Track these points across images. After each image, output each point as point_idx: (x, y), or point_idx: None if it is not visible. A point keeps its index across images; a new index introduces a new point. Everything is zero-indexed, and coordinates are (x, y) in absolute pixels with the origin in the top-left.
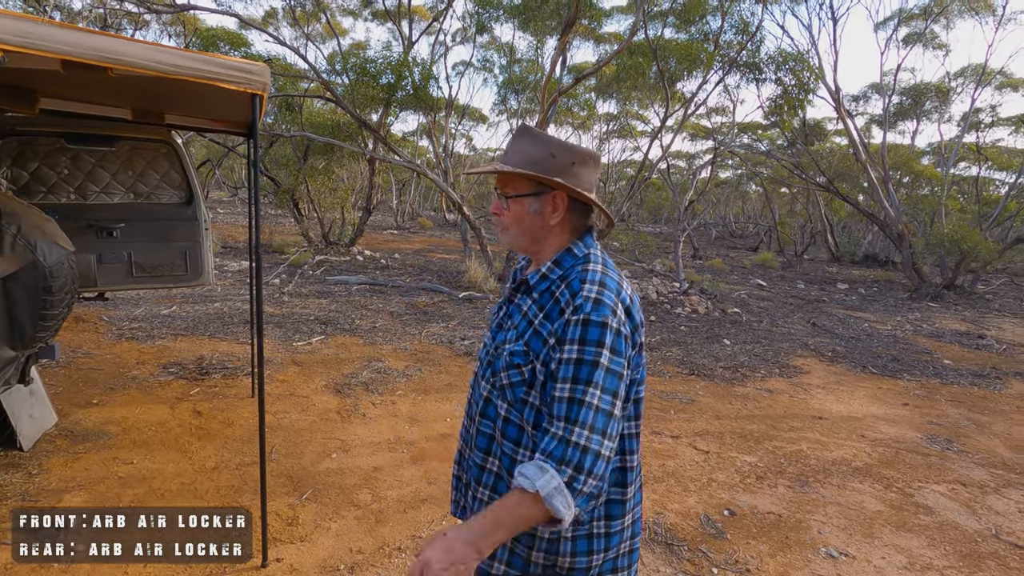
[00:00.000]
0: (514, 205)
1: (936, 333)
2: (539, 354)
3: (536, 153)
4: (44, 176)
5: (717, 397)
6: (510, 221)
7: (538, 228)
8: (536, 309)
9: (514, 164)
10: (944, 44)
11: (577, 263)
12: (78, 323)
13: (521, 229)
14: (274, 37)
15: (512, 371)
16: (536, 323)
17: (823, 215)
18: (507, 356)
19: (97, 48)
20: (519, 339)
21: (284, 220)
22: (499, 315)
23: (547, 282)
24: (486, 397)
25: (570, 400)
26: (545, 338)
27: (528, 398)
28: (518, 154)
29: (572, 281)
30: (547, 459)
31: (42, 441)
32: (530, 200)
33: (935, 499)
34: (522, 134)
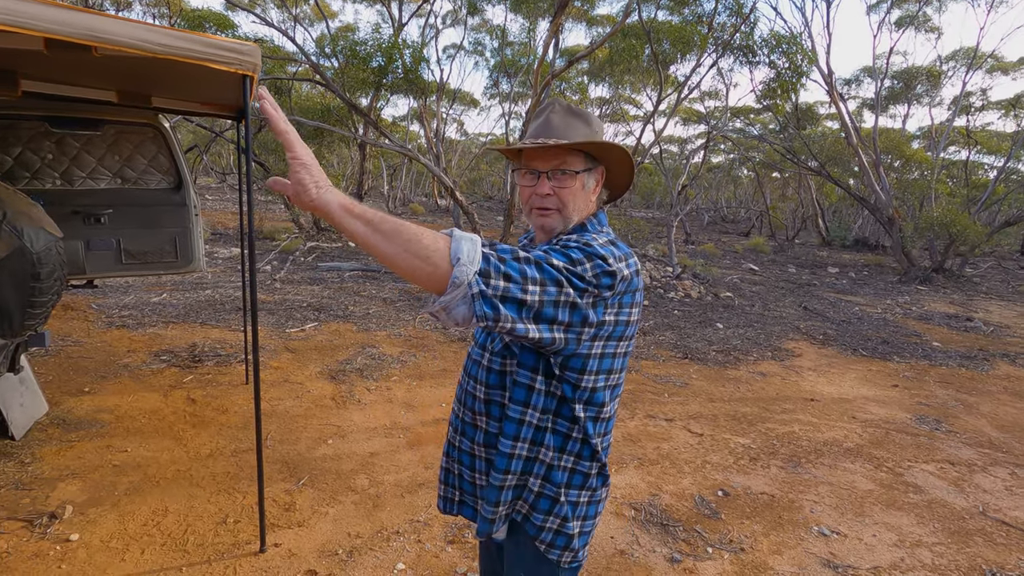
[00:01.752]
0: (570, 182)
1: (925, 316)
2: None
3: (585, 129)
4: (28, 161)
5: (710, 380)
6: (567, 198)
7: (584, 205)
8: None
9: (572, 140)
10: (936, 27)
11: (590, 232)
12: (67, 311)
13: (575, 206)
14: (261, 18)
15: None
16: None
17: (814, 199)
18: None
19: (82, 26)
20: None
21: (274, 206)
22: None
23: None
24: (487, 368)
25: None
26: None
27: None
28: (571, 130)
29: (579, 237)
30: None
31: (34, 430)
32: (586, 175)
33: (924, 478)
34: (562, 110)
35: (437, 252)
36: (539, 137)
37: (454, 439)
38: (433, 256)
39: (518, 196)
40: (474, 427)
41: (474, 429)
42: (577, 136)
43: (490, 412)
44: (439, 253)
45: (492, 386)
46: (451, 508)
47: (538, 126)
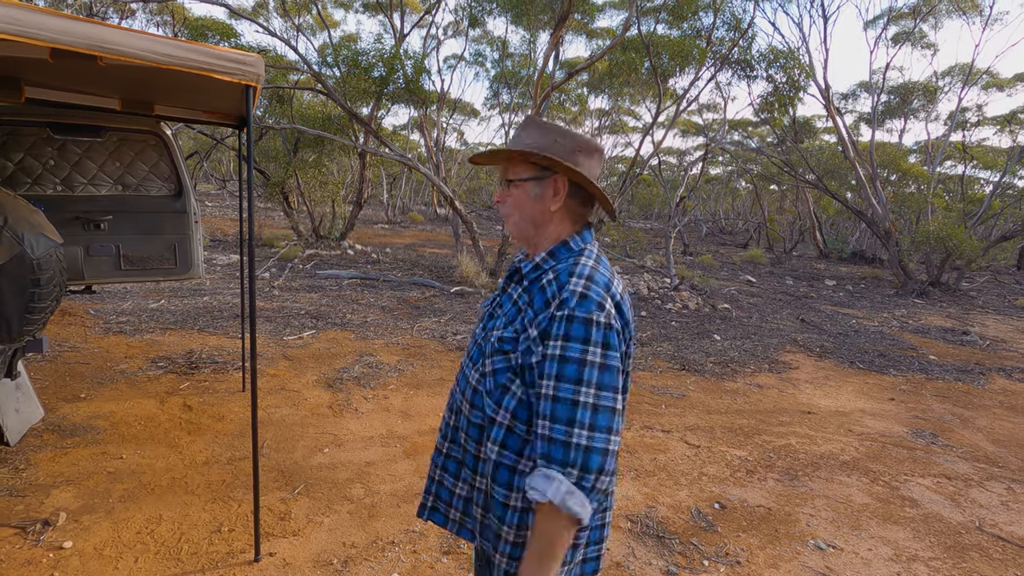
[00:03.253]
0: (515, 189)
1: (922, 329)
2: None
3: (539, 139)
4: (30, 167)
5: (707, 392)
6: (512, 206)
7: (539, 214)
8: (527, 297)
9: (511, 147)
10: (932, 43)
11: (571, 256)
12: (64, 317)
13: (523, 215)
14: (264, 28)
15: (497, 357)
16: (524, 309)
17: (812, 212)
18: (495, 342)
19: (87, 36)
20: (508, 325)
21: (273, 213)
22: (491, 306)
23: (539, 271)
24: (474, 387)
25: (557, 399)
26: (525, 325)
27: (511, 385)
28: (523, 141)
29: (560, 274)
30: (550, 464)
31: (29, 436)
32: (531, 184)
33: (920, 492)
34: (529, 124)
35: (565, 524)
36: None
37: (442, 445)
38: (568, 529)
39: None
40: (463, 450)
41: (463, 451)
42: (516, 147)
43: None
44: (566, 524)
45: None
46: (430, 516)
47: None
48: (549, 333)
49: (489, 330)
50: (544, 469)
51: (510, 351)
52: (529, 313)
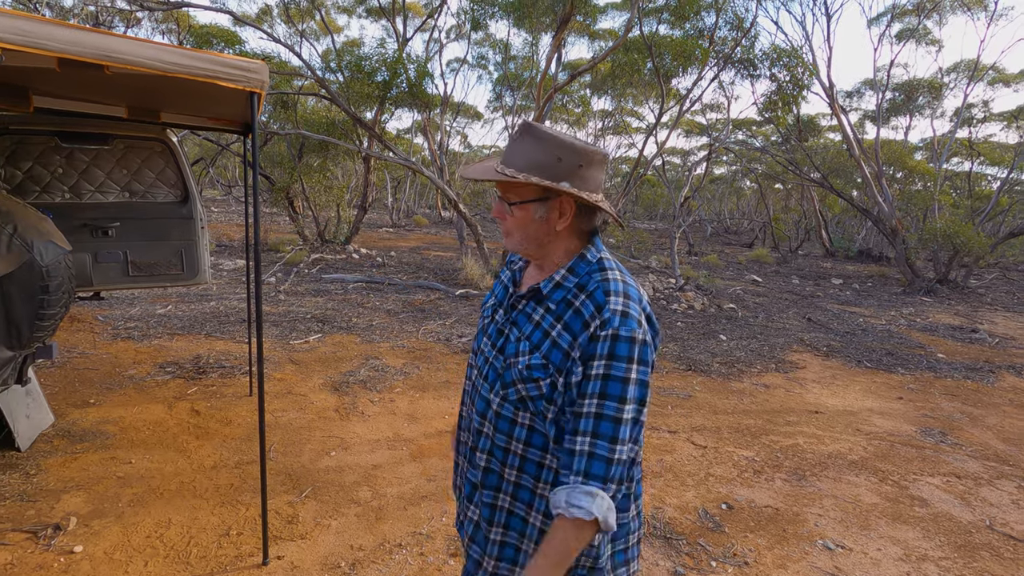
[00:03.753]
0: (518, 211)
1: (930, 327)
2: (560, 368)
3: (540, 156)
4: (38, 175)
5: (714, 392)
6: (514, 227)
7: (544, 235)
8: (552, 320)
9: (517, 168)
10: (937, 40)
11: (592, 270)
12: (73, 323)
13: (526, 236)
14: (268, 34)
15: (530, 384)
16: (554, 334)
17: (817, 211)
18: (523, 369)
19: (94, 46)
20: (534, 351)
21: (279, 218)
22: (496, 320)
23: (562, 291)
24: (496, 412)
25: (601, 416)
26: (566, 350)
27: (548, 412)
28: (522, 157)
29: (595, 293)
30: (590, 480)
31: (39, 441)
32: (535, 206)
33: (930, 491)
34: (525, 133)
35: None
36: (501, 161)
37: (458, 459)
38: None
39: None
40: (485, 471)
41: (484, 472)
42: (516, 164)
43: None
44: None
45: (501, 431)
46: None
47: (504, 149)
48: (593, 354)
49: (509, 354)
50: (583, 486)
51: (540, 379)
52: (566, 337)
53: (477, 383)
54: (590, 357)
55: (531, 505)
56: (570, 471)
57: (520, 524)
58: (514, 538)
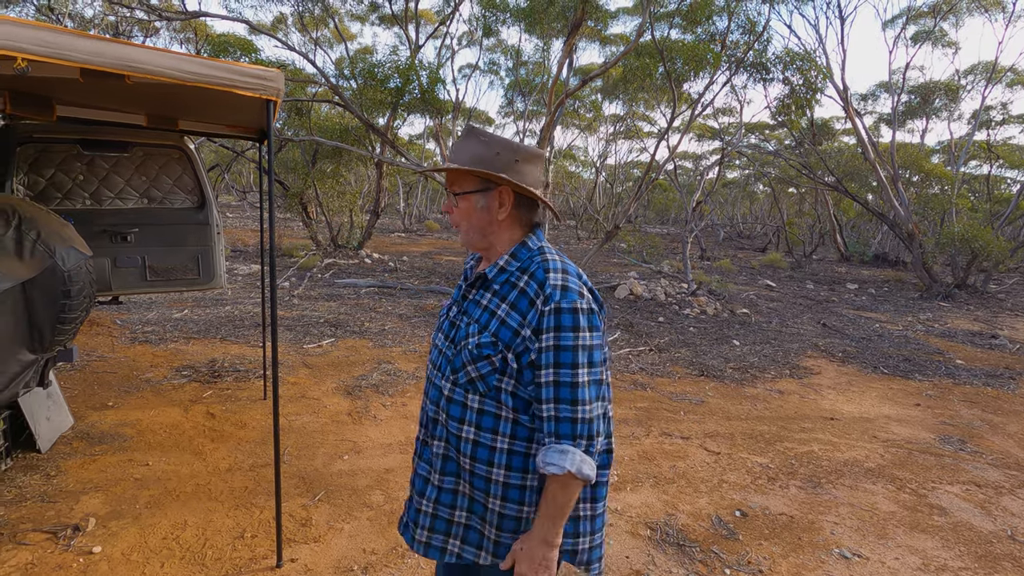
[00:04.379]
0: (462, 202)
1: (948, 333)
2: (509, 344)
3: (481, 152)
4: (60, 182)
5: (727, 398)
6: (460, 217)
7: (486, 223)
8: (498, 300)
9: (460, 163)
10: (953, 42)
11: (533, 255)
12: (92, 327)
13: (470, 225)
14: (283, 42)
15: (481, 363)
16: (501, 313)
17: (832, 215)
18: (473, 349)
19: (116, 56)
20: (483, 331)
21: (292, 224)
22: (450, 314)
23: (505, 274)
24: (448, 397)
25: (559, 383)
26: (516, 329)
27: (502, 385)
28: (465, 153)
29: (535, 272)
30: (560, 440)
31: (59, 443)
32: (477, 196)
33: (949, 500)
34: (469, 135)
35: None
36: (448, 159)
37: (415, 462)
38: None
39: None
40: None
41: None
42: (459, 159)
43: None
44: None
45: (453, 417)
46: (401, 529)
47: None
48: (541, 328)
49: (459, 340)
50: (555, 445)
51: (491, 355)
52: (515, 316)
53: (431, 374)
54: (539, 331)
55: (487, 492)
56: (544, 435)
57: (481, 509)
58: (476, 522)
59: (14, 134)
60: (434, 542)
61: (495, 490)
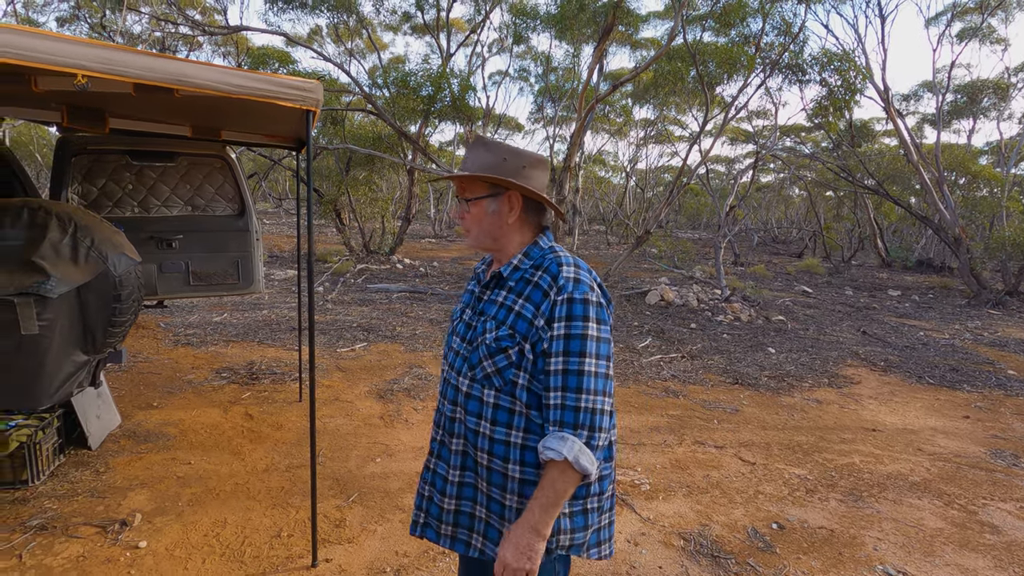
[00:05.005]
0: (473, 208)
1: (998, 342)
2: (526, 335)
3: (489, 159)
4: (111, 191)
5: (762, 407)
6: (471, 223)
7: (497, 227)
8: (514, 296)
9: (470, 171)
10: (1003, 38)
11: (545, 252)
12: (137, 330)
13: (481, 230)
14: (319, 53)
15: (499, 356)
16: (517, 307)
17: (872, 219)
18: (491, 343)
19: (166, 71)
20: (501, 325)
21: (326, 230)
22: (463, 317)
23: (520, 272)
24: (466, 393)
25: (567, 372)
26: (530, 320)
27: (518, 380)
28: (474, 161)
29: (549, 267)
30: (563, 428)
31: (107, 441)
32: (487, 201)
33: (1001, 517)
34: (477, 144)
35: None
36: (459, 167)
37: (429, 462)
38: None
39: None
40: (460, 456)
41: (460, 458)
42: (469, 167)
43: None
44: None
45: (471, 412)
46: (423, 533)
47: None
48: (553, 317)
49: (474, 338)
50: (557, 432)
51: (509, 348)
52: (529, 307)
53: (448, 377)
54: (551, 320)
55: (504, 488)
56: (548, 423)
57: (498, 508)
58: (496, 520)
59: (69, 146)
60: (460, 535)
61: (511, 486)
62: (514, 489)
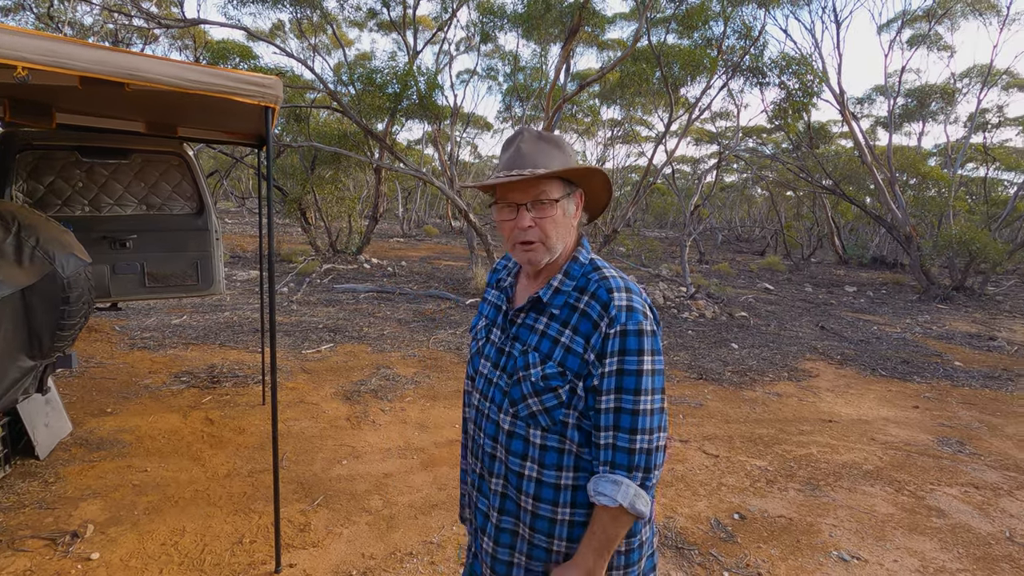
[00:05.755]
0: (550, 211)
1: (946, 335)
2: (578, 372)
3: (563, 157)
4: (59, 189)
5: (726, 401)
6: (549, 229)
7: (566, 231)
8: (559, 326)
9: (547, 167)
10: (949, 45)
11: (587, 271)
12: (91, 333)
13: (559, 235)
14: (281, 49)
15: (547, 395)
16: (564, 340)
17: (829, 218)
18: (538, 380)
19: (116, 65)
20: (547, 360)
21: (291, 229)
22: (492, 340)
23: (562, 296)
24: (508, 431)
25: (620, 410)
26: (581, 355)
27: (568, 419)
28: (545, 155)
29: (598, 292)
30: (615, 470)
31: (57, 450)
32: (565, 202)
33: (947, 502)
34: (534, 137)
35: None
36: (512, 168)
37: (470, 484)
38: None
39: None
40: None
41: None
42: (552, 163)
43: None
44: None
45: (514, 453)
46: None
47: (510, 157)
48: (605, 352)
49: (515, 370)
50: (609, 475)
51: (559, 387)
52: (579, 341)
53: (482, 406)
54: (602, 356)
55: (551, 535)
56: (599, 464)
57: (543, 555)
58: (538, 567)
59: (13, 141)
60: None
61: (560, 531)
62: (562, 534)
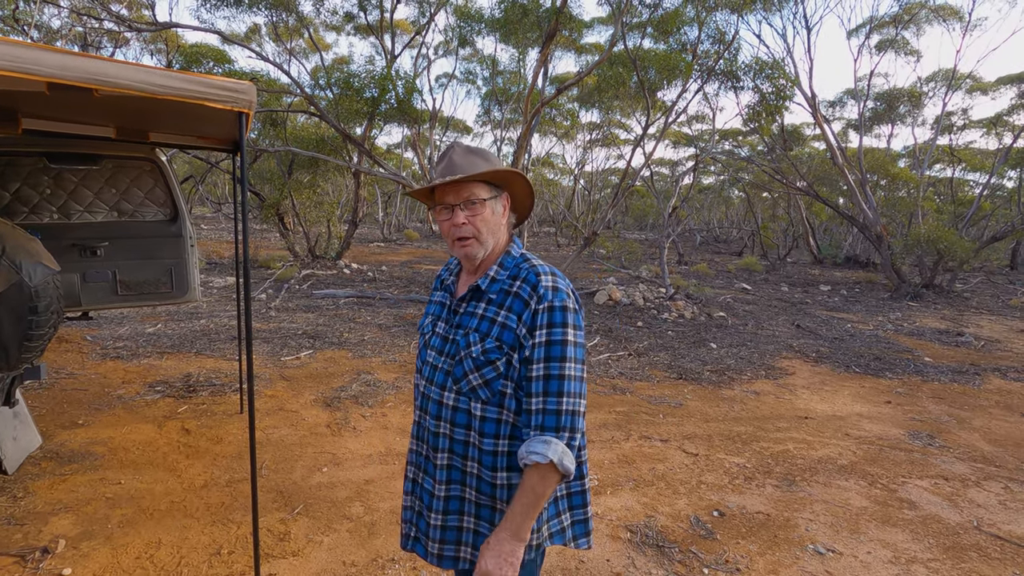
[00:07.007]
0: (481, 209)
1: (917, 332)
2: (512, 345)
3: (485, 163)
4: (26, 196)
5: (705, 400)
6: (480, 226)
7: (498, 228)
8: (496, 308)
9: (467, 174)
10: (915, 50)
11: (519, 262)
12: (61, 343)
13: (489, 231)
14: (257, 53)
15: (487, 368)
16: (500, 319)
17: (804, 218)
18: (478, 355)
19: (83, 70)
20: (486, 337)
21: (269, 235)
22: (437, 330)
23: (498, 283)
24: (453, 407)
25: (548, 377)
26: (514, 329)
27: (506, 390)
28: (471, 165)
29: (528, 277)
30: (543, 431)
31: (26, 464)
32: (492, 202)
33: (918, 494)
34: (463, 150)
35: (556, 483)
36: (446, 175)
37: (416, 475)
38: (554, 485)
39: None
40: (436, 466)
41: (435, 468)
42: (478, 169)
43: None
44: (556, 480)
45: (458, 424)
46: (414, 547)
47: (444, 166)
48: (535, 325)
49: (456, 352)
50: (539, 436)
51: (497, 359)
52: (512, 318)
53: (428, 391)
54: (532, 328)
55: (494, 496)
56: (528, 428)
57: (489, 513)
58: (485, 527)
59: None
60: (446, 552)
61: (501, 493)
62: (503, 496)
